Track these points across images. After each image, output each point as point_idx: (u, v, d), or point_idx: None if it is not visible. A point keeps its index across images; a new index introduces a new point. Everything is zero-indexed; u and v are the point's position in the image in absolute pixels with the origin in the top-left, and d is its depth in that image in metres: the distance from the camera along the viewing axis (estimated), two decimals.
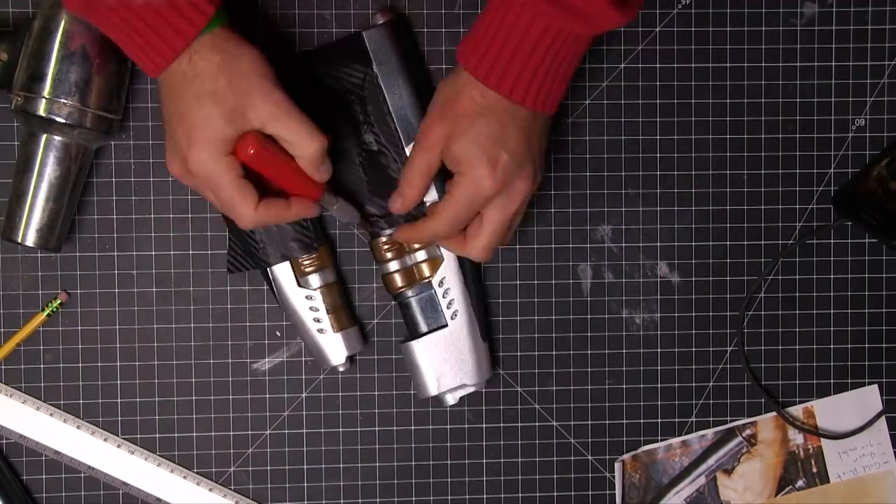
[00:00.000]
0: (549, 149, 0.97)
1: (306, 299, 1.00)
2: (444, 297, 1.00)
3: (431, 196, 0.98)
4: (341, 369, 1.02)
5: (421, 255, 1.00)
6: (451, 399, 1.02)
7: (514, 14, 0.88)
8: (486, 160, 0.90)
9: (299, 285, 1.00)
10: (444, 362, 1.01)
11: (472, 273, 1.01)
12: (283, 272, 1.00)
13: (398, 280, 1.01)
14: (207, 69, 0.87)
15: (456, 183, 0.92)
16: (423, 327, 1.01)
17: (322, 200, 0.94)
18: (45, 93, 0.94)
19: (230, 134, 0.88)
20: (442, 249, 1.00)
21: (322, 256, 1.00)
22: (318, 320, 1.00)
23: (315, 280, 1.00)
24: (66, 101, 0.94)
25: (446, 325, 1.01)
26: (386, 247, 1.00)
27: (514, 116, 0.91)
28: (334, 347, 1.01)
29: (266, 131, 0.89)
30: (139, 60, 0.88)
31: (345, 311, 1.02)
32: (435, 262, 1.00)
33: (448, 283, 1.00)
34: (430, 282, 1.00)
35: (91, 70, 0.94)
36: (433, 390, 1.01)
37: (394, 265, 1.01)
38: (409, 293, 1.01)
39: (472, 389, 1.02)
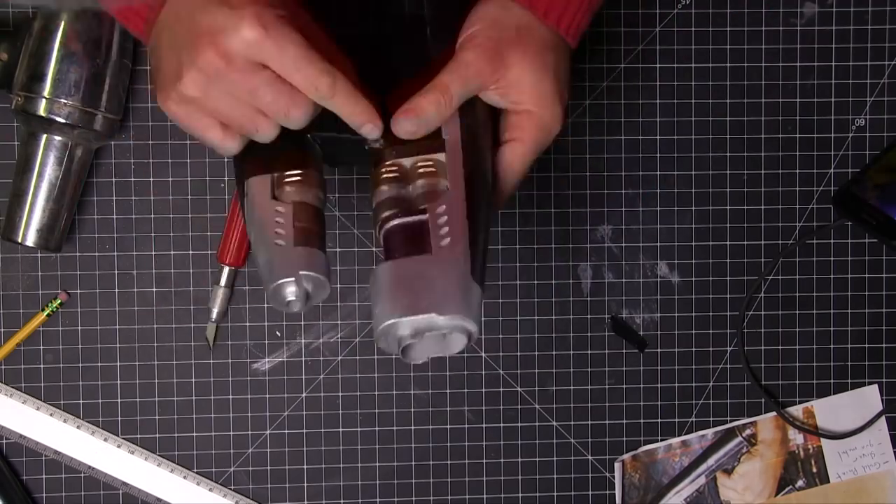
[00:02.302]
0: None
1: (275, 212, 0.80)
2: (437, 223, 0.79)
3: None
4: (291, 299, 0.77)
5: (421, 187, 0.82)
6: (417, 353, 0.76)
7: None
8: (560, 98, 0.83)
9: (273, 198, 0.81)
10: (414, 287, 0.76)
11: (485, 211, 0.81)
12: (259, 185, 0.82)
13: (388, 206, 0.81)
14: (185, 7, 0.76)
15: (524, 125, 0.83)
16: (400, 254, 0.78)
17: None
18: (45, 93, 0.94)
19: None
20: (449, 184, 0.81)
21: (309, 176, 0.82)
22: (278, 233, 0.79)
23: (292, 195, 0.81)
24: (66, 101, 0.94)
25: (429, 253, 0.77)
26: (385, 172, 0.83)
27: (558, 45, 0.83)
28: (287, 261, 0.77)
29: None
30: (129, 26, 0.82)
31: (315, 234, 0.80)
32: (436, 195, 0.81)
33: (446, 212, 0.79)
34: (424, 209, 0.80)
35: (91, 70, 0.94)
36: (391, 313, 0.74)
37: (388, 191, 0.82)
38: (397, 220, 0.80)
39: (445, 331, 0.75)
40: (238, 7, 0.75)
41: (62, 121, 0.94)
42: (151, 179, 1.02)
